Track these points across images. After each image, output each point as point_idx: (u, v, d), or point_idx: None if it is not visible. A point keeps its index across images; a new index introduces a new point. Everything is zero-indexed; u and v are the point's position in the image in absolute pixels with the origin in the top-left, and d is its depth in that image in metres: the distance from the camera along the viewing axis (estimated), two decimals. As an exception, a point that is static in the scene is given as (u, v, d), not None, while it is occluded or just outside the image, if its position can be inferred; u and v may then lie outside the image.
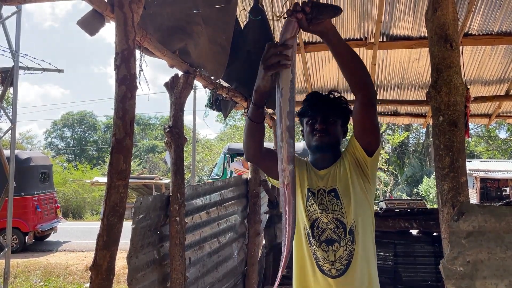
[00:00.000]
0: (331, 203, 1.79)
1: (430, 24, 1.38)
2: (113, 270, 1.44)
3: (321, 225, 1.79)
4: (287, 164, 1.37)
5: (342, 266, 1.76)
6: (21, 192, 9.54)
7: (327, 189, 1.82)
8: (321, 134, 1.83)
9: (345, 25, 3.83)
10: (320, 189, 1.83)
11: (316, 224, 1.80)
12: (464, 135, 1.33)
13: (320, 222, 1.79)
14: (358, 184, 1.79)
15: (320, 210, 1.80)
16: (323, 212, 1.79)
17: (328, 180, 1.84)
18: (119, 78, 1.47)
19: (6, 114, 5.42)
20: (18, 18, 5.28)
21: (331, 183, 1.82)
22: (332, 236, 1.77)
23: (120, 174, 1.43)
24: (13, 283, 6.80)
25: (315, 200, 1.82)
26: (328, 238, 1.77)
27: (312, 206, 1.82)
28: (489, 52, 4.15)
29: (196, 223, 2.64)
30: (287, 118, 1.38)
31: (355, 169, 1.80)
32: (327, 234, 1.78)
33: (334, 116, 1.86)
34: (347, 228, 1.76)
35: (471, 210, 1.24)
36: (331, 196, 1.80)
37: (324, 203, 1.80)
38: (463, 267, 1.23)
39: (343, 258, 1.76)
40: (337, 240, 1.76)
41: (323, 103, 1.89)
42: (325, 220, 1.78)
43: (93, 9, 1.52)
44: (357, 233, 1.76)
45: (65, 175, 23.22)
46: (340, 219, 1.77)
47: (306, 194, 1.85)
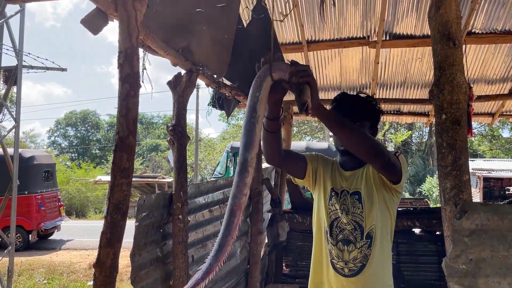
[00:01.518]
0: (353, 205, 1.80)
1: (433, 22, 1.38)
2: (116, 267, 1.45)
3: (340, 224, 1.82)
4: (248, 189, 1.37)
5: (355, 268, 1.78)
6: (25, 191, 9.57)
7: (350, 191, 1.83)
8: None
9: (348, 23, 3.82)
10: (344, 190, 1.84)
11: (336, 223, 1.83)
12: (466, 133, 1.33)
13: (340, 221, 1.81)
14: (382, 194, 1.79)
15: (341, 210, 1.81)
16: (343, 213, 1.81)
17: (352, 182, 1.84)
18: (123, 76, 1.47)
19: (10, 112, 5.44)
20: (22, 17, 5.30)
21: (355, 185, 1.83)
22: (349, 237, 1.79)
23: (124, 172, 1.44)
24: (17, 281, 6.84)
25: (337, 200, 1.83)
26: (345, 238, 1.80)
27: (333, 206, 1.84)
28: (493, 50, 4.14)
29: (199, 221, 2.65)
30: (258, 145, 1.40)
31: (380, 181, 1.79)
32: (345, 234, 1.80)
33: (362, 118, 1.82)
34: (364, 232, 1.78)
35: (473, 208, 1.24)
36: (353, 199, 1.81)
37: (346, 204, 1.82)
38: (465, 265, 1.23)
39: (357, 260, 1.78)
40: (353, 241, 1.79)
41: (351, 104, 1.85)
42: (345, 220, 1.80)
43: (96, 8, 1.53)
44: (375, 239, 1.77)
45: (68, 174, 23.29)
46: (359, 222, 1.79)
47: (329, 194, 1.86)
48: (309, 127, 26.97)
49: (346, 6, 3.57)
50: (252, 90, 1.41)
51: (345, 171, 1.88)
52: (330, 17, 3.74)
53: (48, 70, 6.87)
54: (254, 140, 1.39)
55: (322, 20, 3.75)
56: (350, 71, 4.65)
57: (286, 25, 3.86)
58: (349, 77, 4.80)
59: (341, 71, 4.66)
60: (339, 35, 4.00)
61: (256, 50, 2.97)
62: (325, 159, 1.96)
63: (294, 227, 4.15)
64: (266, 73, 1.41)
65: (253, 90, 1.41)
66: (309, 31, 3.95)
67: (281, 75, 1.43)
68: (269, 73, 1.40)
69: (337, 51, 4.28)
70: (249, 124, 1.39)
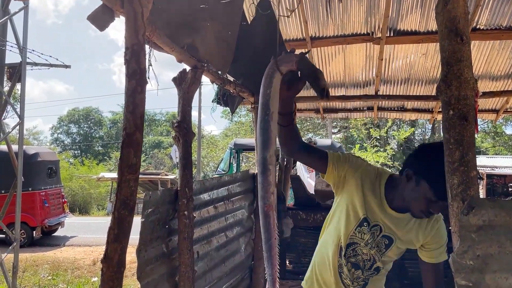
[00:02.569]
0: (378, 245, 1.75)
1: (441, 18, 1.37)
2: (124, 262, 1.46)
3: (357, 250, 1.78)
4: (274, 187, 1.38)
5: (358, 286, 1.83)
6: (29, 187, 9.61)
7: (384, 232, 1.74)
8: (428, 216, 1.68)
9: (352, 20, 3.81)
10: (378, 225, 1.74)
11: (354, 247, 1.78)
12: (474, 129, 1.33)
13: (358, 248, 1.78)
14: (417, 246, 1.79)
15: (366, 242, 1.75)
16: (367, 245, 1.76)
17: (391, 226, 1.73)
18: (129, 72, 1.47)
19: (14, 110, 5.46)
20: (25, 14, 5.30)
21: (392, 231, 1.73)
22: (359, 263, 1.80)
23: (131, 168, 1.44)
24: (21, 277, 6.87)
25: (366, 232, 1.75)
26: (355, 263, 1.80)
27: (360, 234, 1.76)
28: (497, 47, 4.12)
29: (204, 217, 2.66)
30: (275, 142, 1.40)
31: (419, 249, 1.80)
32: (357, 259, 1.80)
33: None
34: (375, 265, 1.80)
35: (481, 204, 1.24)
36: (383, 241, 1.75)
37: (374, 239, 1.75)
38: (473, 261, 1.23)
39: (361, 279, 1.82)
40: (361, 268, 1.81)
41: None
42: (364, 251, 1.77)
43: (103, 4, 1.53)
44: (380, 273, 1.84)
45: (71, 171, 23.37)
46: (375, 258, 1.79)
47: (359, 220, 1.74)
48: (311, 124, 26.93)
49: (350, 2, 3.56)
50: (263, 88, 1.42)
51: (390, 209, 1.72)
52: (334, 14, 3.73)
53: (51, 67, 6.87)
54: (271, 137, 1.39)
55: (327, 17, 3.74)
56: (354, 67, 4.64)
57: (290, 21, 3.85)
58: (353, 74, 4.79)
59: (345, 68, 4.65)
60: (343, 31, 3.99)
61: (260, 47, 2.97)
62: (370, 172, 1.75)
63: (298, 224, 4.15)
64: (274, 68, 1.41)
65: (263, 88, 1.42)
66: (313, 28, 3.94)
67: (288, 67, 1.43)
68: (277, 68, 1.40)
69: (341, 48, 4.27)
70: (264, 122, 1.40)
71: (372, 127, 22.77)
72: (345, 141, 25.19)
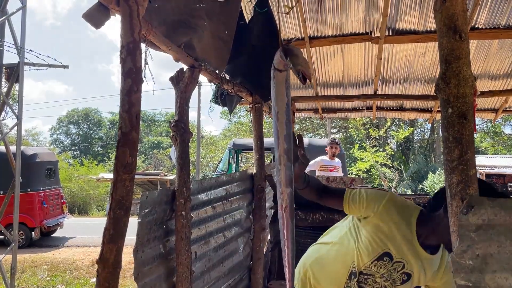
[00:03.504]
0: (395, 280, 1.70)
1: (439, 15, 1.35)
2: (119, 263, 1.44)
3: (370, 281, 1.73)
4: (285, 187, 1.37)
5: None
6: (28, 188, 9.58)
7: (405, 269, 1.68)
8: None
9: (350, 19, 3.80)
10: (402, 262, 1.67)
11: (366, 277, 1.73)
12: (473, 128, 1.32)
13: (371, 279, 1.73)
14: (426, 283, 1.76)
15: (382, 275, 1.70)
16: (382, 278, 1.71)
17: (415, 265, 1.67)
18: (125, 71, 1.46)
19: (12, 110, 5.44)
20: (23, 14, 5.28)
21: (413, 268, 1.67)
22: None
23: (126, 167, 1.43)
24: (20, 278, 6.85)
25: (384, 266, 1.69)
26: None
27: (375, 267, 1.70)
28: (496, 46, 4.11)
29: (202, 217, 2.64)
30: (284, 141, 1.40)
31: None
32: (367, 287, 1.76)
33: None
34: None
35: (480, 204, 1.23)
36: (402, 277, 1.69)
37: (392, 274, 1.69)
38: (472, 260, 1.22)
39: None
40: None
41: None
42: (378, 280, 1.72)
43: (98, 2, 1.51)
44: None
45: (70, 172, 23.32)
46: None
47: (379, 255, 1.68)
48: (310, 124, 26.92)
49: (349, 2, 3.55)
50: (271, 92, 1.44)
51: (421, 247, 1.65)
52: (333, 13, 3.72)
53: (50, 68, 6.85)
54: (278, 137, 1.39)
55: (323, 16, 3.72)
56: (352, 67, 4.63)
57: (289, 21, 3.84)
58: (351, 73, 4.78)
59: (343, 67, 4.64)
60: (342, 31, 3.98)
61: (258, 46, 2.95)
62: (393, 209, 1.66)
63: (297, 224, 4.13)
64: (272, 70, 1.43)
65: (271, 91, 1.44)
66: (311, 27, 3.93)
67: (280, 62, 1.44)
68: (274, 69, 1.41)
69: (340, 47, 4.26)
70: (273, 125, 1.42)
71: (371, 127, 22.78)
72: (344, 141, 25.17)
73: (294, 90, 5.13)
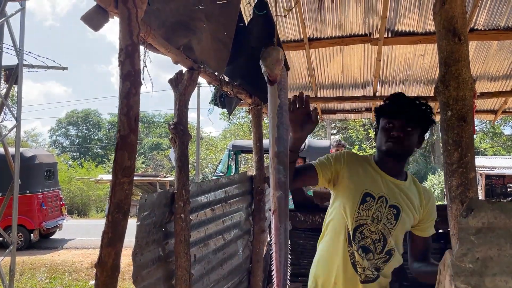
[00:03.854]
0: (387, 218, 1.73)
1: (438, 18, 1.35)
2: (118, 267, 1.43)
3: (365, 232, 1.75)
4: (274, 190, 1.38)
5: (372, 276, 1.77)
6: (26, 190, 9.58)
7: (390, 202, 1.74)
8: (394, 142, 1.72)
9: (349, 20, 3.80)
10: (383, 196, 1.74)
11: (361, 229, 1.75)
12: (473, 131, 1.31)
13: (366, 229, 1.74)
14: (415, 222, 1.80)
15: (372, 218, 1.73)
16: (374, 221, 1.73)
17: (395, 193, 1.75)
18: (123, 74, 1.45)
19: (11, 112, 5.44)
20: (22, 16, 5.28)
21: (398, 199, 1.73)
22: (369, 246, 1.75)
23: (125, 170, 1.42)
24: (18, 281, 6.84)
25: (372, 206, 1.73)
26: (365, 246, 1.75)
27: (365, 211, 1.74)
28: (496, 47, 4.11)
29: (201, 220, 2.64)
30: (275, 144, 1.40)
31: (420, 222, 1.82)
32: (367, 242, 1.75)
33: (414, 124, 1.75)
34: (386, 247, 1.75)
35: (480, 206, 1.22)
36: (391, 212, 1.73)
37: (382, 212, 1.73)
38: (472, 264, 1.21)
39: (374, 269, 1.76)
40: (372, 251, 1.75)
41: (406, 108, 1.75)
42: (372, 229, 1.74)
43: (96, 5, 1.51)
44: (393, 257, 1.78)
45: (70, 173, 23.30)
46: (386, 236, 1.74)
47: (361, 197, 1.75)
48: (310, 125, 26.86)
49: (348, 3, 3.55)
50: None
51: (389, 176, 1.77)
52: (332, 15, 3.72)
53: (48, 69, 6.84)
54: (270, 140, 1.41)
55: (323, 17, 3.72)
56: (352, 68, 4.63)
57: (288, 22, 3.84)
58: (351, 75, 4.78)
59: (343, 69, 4.64)
60: (341, 32, 3.98)
61: (257, 48, 2.94)
62: (353, 158, 1.84)
63: (296, 226, 4.13)
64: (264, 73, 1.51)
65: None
66: (310, 29, 3.93)
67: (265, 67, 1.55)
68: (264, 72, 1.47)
69: (339, 49, 4.26)
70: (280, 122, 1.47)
71: (371, 128, 22.78)
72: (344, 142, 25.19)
73: (294, 92, 5.13)
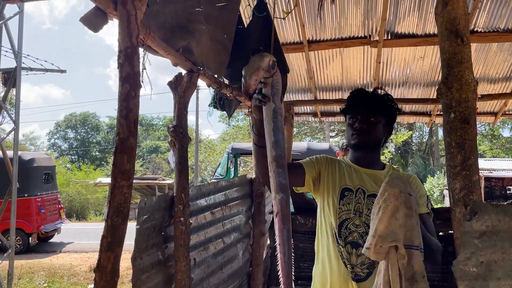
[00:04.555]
0: (368, 208, 1.73)
1: (440, 19, 1.34)
2: (117, 271, 1.41)
3: (350, 226, 1.75)
4: (276, 193, 1.38)
5: (362, 274, 1.73)
6: (25, 193, 9.54)
7: (368, 192, 1.76)
8: (359, 134, 1.78)
9: (349, 23, 3.79)
10: (360, 188, 1.77)
11: (346, 224, 1.76)
12: (475, 133, 1.30)
13: (351, 223, 1.75)
14: None
15: (355, 211, 1.75)
16: (356, 214, 1.74)
17: (371, 183, 1.78)
18: (123, 76, 1.44)
19: (9, 115, 5.42)
20: (21, 18, 5.27)
21: (375, 188, 1.74)
22: (358, 240, 1.73)
23: (124, 174, 1.40)
24: (17, 284, 6.80)
25: (351, 200, 1.76)
26: (353, 241, 1.74)
27: (346, 206, 1.77)
28: (495, 49, 4.11)
29: (201, 223, 2.62)
30: (273, 148, 1.40)
31: None
32: (354, 236, 1.74)
33: (377, 115, 1.78)
34: None
35: (484, 210, 1.21)
36: (370, 201, 1.74)
37: (361, 204, 1.75)
38: (476, 267, 1.20)
39: (364, 266, 1.73)
40: (362, 245, 1.72)
41: (366, 101, 1.81)
42: (357, 222, 1.74)
43: (95, 7, 1.49)
44: None
45: (68, 176, 23.23)
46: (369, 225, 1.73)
47: (339, 193, 1.79)
48: (309, 128, 26.93)
49: (347, 5, 3.54)
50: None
51: (363, 168, 1.82)
52: (331, 17, 3.71)
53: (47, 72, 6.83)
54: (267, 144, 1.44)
55: (322, 20, 3.72)
56: (351, 70, 4.62)
57: (287, 24, 3.83)
58: (350, 77, 4.77)
59: (342, 71, 4.63)
60: (340, 34, 3.97)
61: (256, 50, 2.94)
62: (330, 159, 1.90)
63: (296, 229, 4.11)
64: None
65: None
66: (310, 31, 3.92)
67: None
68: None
69: (339, 51, 4.25)
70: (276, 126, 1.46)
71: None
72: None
73: (294, 94, 5.12)
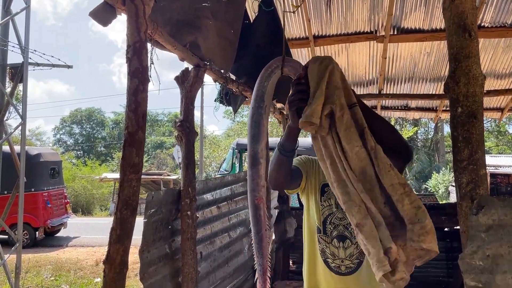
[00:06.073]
0: None
1: (448, 13, 1.34)
2: (126, 264, 1.43)
3: (334, 220, 1.77)
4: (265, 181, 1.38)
5: (353, 265, 1.74)
6: (32, 188, 9.61)
7: None
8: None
9: (355, 18, 3.78)
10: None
11: (329, 219, 1.78)
12: (483, 127, 1.30)
13: (334, 217, 1.77)
14: None
15: (336, 204, 1.76)
16: (338, 207, 1.76)
17: None
18: (131, 71, 1.45)
19: (17, 110, 5.44)
20: (27, 14, 5.28)
21: None
22: (344, 233, 1.75)
23: (133, 167, 1.42)
24: (24, 278, 6.87)
25: (331, 194, 1.77)
26: (340, 234, 1.76)
27: (327, 201, 1.79)
28: (502, 44, 4.09)
29: (207, 217, 2.64)
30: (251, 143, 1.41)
31: None
32: (339, 230, 1.76)
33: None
34: None
35: (491, 204, 1.21)
36: None
37: None
38: (482, 261, 1.20)
39: (354, 257, 1.74)
40: (348, 237, 1.75)
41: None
42: (339, 215, 1.76)
43: (104, 1, 1.50)
44: None
45: (74, 171, 23.37)
46: None
47: (320, 190, 1.81)
48: (314, 124, 26.81)
49: (354, 1, 3.53)
50: (260, 80, 1.40)
51: None
52: (337, 12, 3.71)
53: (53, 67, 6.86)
54: (263, 131, 1.38)
55: (328, 15, 3.71)
56: (357, 66, 4.61)
57: (293, 20, 3.82)
58: (356, 72, 4.77)
59: (348, 66, 4.62)
60: (346, 30, 3.96)
61: (262, 45, 2.94)
62: (311, 158, 1.91)
63: (301, 224, 4.12)
64: (278, 65, 1.39)
65: (261, 79, 1.40)
66: (316, 26, 3.91)
67: (290, 73, 1.41)
68: (281, 66, 1.38)
69: (344, 46, 4.24)
70: (257, 115, 1.38)
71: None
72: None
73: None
